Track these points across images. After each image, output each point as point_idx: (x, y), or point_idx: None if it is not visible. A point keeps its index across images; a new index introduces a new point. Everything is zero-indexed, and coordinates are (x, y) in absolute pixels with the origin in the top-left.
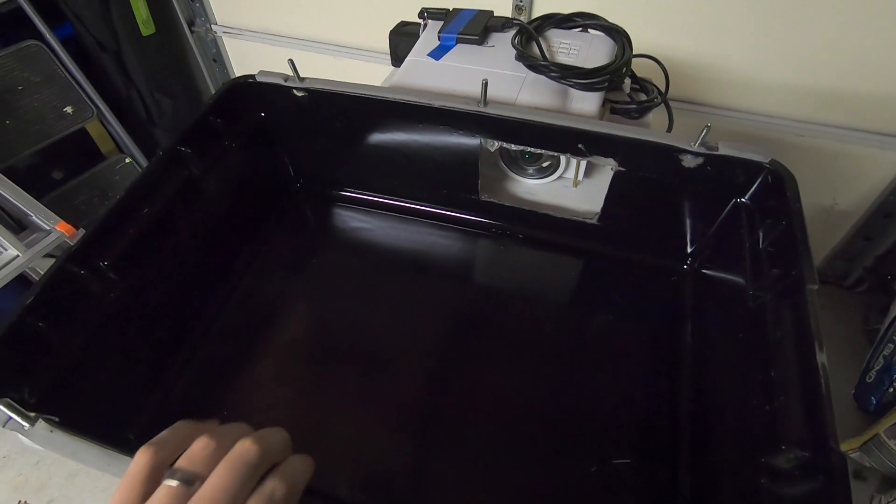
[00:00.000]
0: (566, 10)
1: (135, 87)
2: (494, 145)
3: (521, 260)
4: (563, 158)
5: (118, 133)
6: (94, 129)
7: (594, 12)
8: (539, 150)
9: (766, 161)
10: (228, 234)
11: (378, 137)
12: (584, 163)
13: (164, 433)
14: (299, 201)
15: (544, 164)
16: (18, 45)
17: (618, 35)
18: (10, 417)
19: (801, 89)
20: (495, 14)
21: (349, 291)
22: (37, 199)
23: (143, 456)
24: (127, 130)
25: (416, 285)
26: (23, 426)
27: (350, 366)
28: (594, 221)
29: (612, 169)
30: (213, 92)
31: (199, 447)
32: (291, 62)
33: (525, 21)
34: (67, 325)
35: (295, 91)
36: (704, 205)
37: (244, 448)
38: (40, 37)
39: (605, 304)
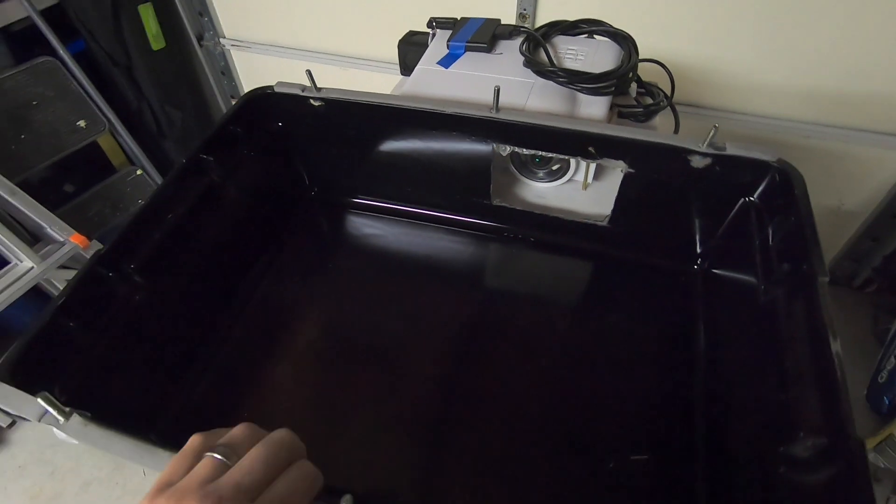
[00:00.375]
0: (571, 17)
1: (145, 100)
2: (506, 150)
3: (533, 263)
4: (572, 161)
5: (129, 145)
6: (105, 142)
7: (599, 18)
8: (550, 154)
9: (773, 160)
10: (246, 240)
11: (391, 145)
12: (593, 165)
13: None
14: (314, 208)
15: (554, 168)
16: (33, 62)
17: (623, 40)
18: (47, 411)
19: (805, 91)
20: (496, 17)
21: (364, 296)
22: (50, 212)
23: (194, 438)
24: (137, 143)
25: (428, 289)
26: (58, 420)
27: (365, 369)
28: (604, 224)
29: (622, 171)
30: (221, 104)
31: (240, 431)
32: (309, 73)
33: (531, 28)
34: (95, 326)
35: (312, 101)
36: (713, 205)
37: (279, 434)
38: (54, 52)
39: (617, 305)
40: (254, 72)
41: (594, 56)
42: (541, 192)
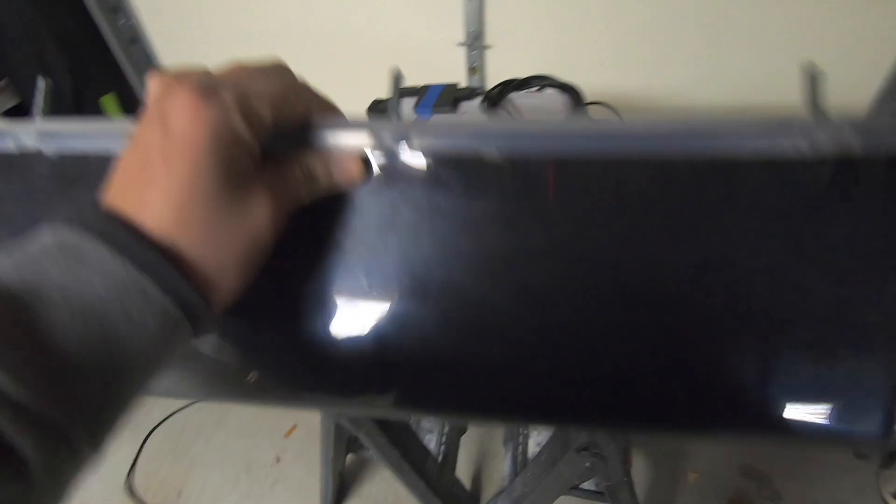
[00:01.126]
0: (516, 68)
1: None
2: None
3: None
4: None
5: None
6: None
7: (546, 73)
8: None
9: None
10: None
11: None
12: None
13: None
14: None
15: None
16: None
17: (569, 91)
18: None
19: (733, 107)
20: (453, 82)
21: None
22: None
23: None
24: None
25: None
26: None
27: None
28: None
29: None
30: None
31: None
32: None
33: (486, 88)
34: None
35: None
36: None
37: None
38: None
39: None
40: None
41: (546, 107)
42: None
